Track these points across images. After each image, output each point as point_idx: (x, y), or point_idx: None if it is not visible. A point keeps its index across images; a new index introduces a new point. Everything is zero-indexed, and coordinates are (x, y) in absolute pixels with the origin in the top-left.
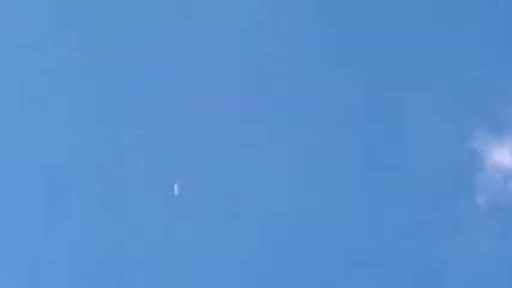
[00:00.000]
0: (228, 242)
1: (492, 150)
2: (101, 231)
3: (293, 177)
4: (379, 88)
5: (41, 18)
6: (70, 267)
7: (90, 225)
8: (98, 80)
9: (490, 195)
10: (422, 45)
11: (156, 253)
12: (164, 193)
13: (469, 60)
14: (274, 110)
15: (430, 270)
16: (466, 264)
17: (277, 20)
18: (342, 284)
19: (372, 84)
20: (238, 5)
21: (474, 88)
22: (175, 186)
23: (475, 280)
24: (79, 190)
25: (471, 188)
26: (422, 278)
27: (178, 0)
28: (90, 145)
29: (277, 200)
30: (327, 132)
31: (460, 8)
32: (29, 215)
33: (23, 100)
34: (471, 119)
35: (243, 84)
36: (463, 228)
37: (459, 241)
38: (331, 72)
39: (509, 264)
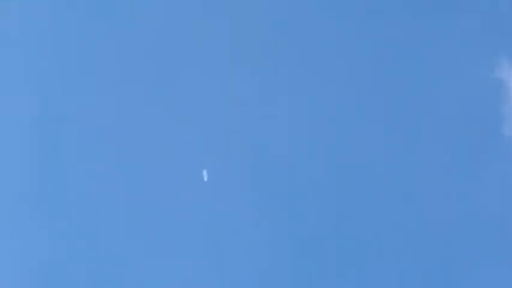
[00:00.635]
0: None
1: None
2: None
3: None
4: (401, 17)
5: None
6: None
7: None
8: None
9: None
10: None
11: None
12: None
13: None
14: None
15: (458, 199)
16: (494, 194)
17: None
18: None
19: (394, 12)
20: None
21: (499, 17)
22: (204, 172)
23: (504, 210)
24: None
25: (497, 118)
26: (451, 206)
27: None
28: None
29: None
30: (344, 66)
31: None
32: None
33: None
34: (496, 48)
35: None
36: (490, 159)
37: (486, 172)
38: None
39: None
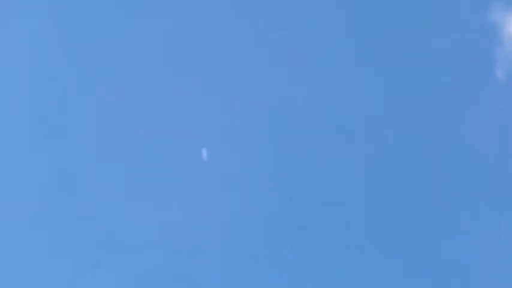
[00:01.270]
0: None
1: (510, 23)
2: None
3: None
4: None
5: None
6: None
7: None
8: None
9: (508, 67)
10: None
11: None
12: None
13: None
14: None
15: (454, 139)
16: (487, 132)
17: None
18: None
19: None
20: None
21: None
22: (204, 151)
23: (495, 145)
24: None
25: (490, 61)
26: (446, 146)
27: None
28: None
29: None
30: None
31: None
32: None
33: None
34: None
35: None
36: (484, 101)
37: (480, 114)
38: None
39: None
